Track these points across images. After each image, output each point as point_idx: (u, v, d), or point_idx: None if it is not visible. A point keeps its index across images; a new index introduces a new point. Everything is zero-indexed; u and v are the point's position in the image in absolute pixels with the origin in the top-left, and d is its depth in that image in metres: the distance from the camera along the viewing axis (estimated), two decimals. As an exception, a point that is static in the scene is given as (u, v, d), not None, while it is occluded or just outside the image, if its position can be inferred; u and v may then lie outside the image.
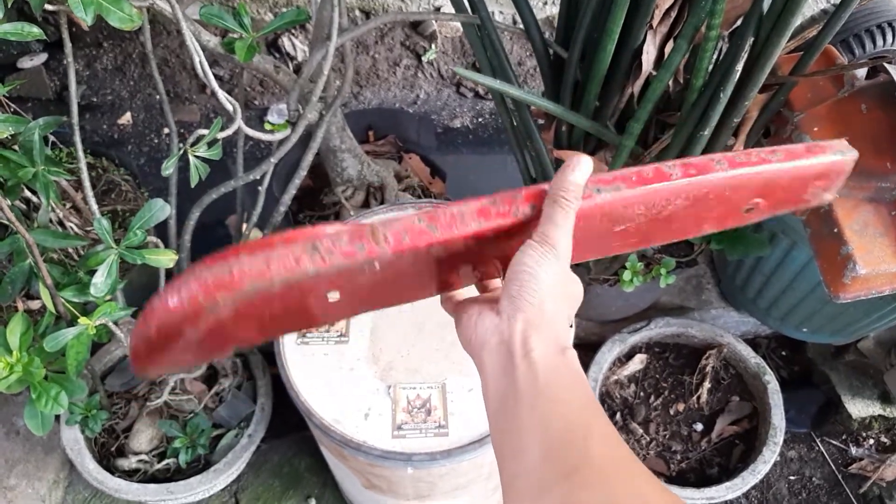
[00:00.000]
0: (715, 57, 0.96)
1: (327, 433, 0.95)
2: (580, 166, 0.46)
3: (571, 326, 1.02)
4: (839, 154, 0.52)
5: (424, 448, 0.94)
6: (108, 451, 1.29)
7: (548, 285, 0.46)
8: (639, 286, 1.21)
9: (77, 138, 1.02)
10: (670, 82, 1.02)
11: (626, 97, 1.04)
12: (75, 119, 1.02)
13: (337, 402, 0.98)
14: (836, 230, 1.01)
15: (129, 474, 1.26)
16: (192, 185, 0.95)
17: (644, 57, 0.99)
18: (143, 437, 1.27)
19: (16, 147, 1.00)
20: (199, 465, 1.29)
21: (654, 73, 1.00)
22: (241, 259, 0.41)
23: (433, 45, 1.99)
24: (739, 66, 0.95)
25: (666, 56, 0.99)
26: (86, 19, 0.80)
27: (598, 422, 0.42)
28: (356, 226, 0.45)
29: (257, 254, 0.41)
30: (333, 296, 0.45)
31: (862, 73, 1.11)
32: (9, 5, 0.81)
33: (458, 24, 1.91)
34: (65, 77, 1.89)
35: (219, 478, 1.25)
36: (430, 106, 1.97)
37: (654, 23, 0.98)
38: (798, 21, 0.92)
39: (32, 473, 1.34)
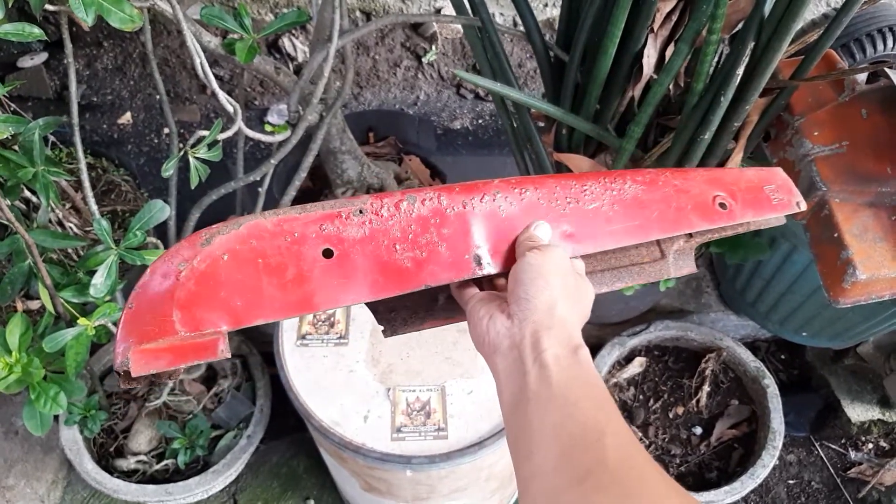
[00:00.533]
0: (715, 61, 0.96)
1: (327, 435, 0.95)
2: (541, 227, 0.51)
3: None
4: None
5: (424, 451, 0.94)
6: (107, 452, 1.28)
7: (557, 285, 0.47)
8: (638, 289, 1.21)
9: (77, 139, 1.02)
10: (671, 86, 1.02)
11: (626, 100, 1.04)
12: (75, 119, 1.02)
13: (336, 404, 0.98)
14: (835, 235, 1.01)
15: (127, 475, 1.26)
16: (193, 187, 0.95)
17: (645, 60, 0.99)
18: (142, 438, 1.27)
19: (16, 147, 1.00)
20: (198, 466, 1.29)
21: (655, 76, 1.00)
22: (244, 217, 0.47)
23: (433, 47, 1.99)
24: (740, 71, 0.95)
25: (667, 60, 0.99)
26: (86, 20, 0.80)
27: (612, 422, 0.42)
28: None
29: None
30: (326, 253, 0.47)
31: (862, 77, 1.11)
32: (9, 5, 0.81)
33: (459, 26, 1.91)
34: (65, 76, 1.89)
35: (217, 479, 1.25)
36: (430, 107, 1.97)
37: (656, 26, 0.98)
38: (799, 25, 0.92)
39: (31, 473, 1.33)
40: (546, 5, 2.04)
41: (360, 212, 0.48)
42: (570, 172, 0.56)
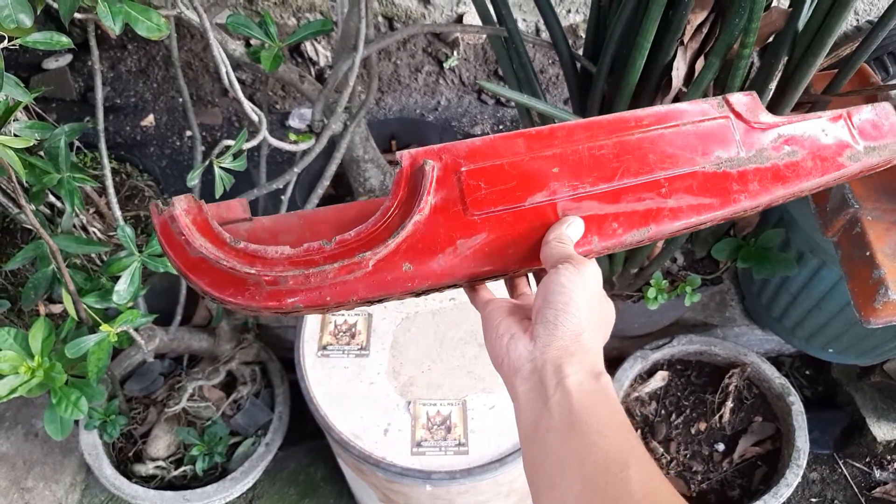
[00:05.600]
0: (746, 74, 0.94)
1: (346, 448, 0.95)
2: (574, 224, 0.49)
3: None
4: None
5: (444, 466, 0.93)
6: (126, 457, 1.29)
7: (585, 311, 0.45)
8: (663, 303, 1.19)
9: (102, 145, 1.02)
10: (701, 100, 1.00)
11: (655, 113, 1.03)
12: (101, 125, 1.02)
13: (356, 416, 0.97)
14: (868, 253, 0.99)
15: (145, 480, 1.26)
16: (217, 197, 0.95)
17: (674, 73, 0.97)
18: (161, 444, 1.27)
19: (41, 153, 1.00)
20: (216, 473, 1.28)
21: (685, 89, 0.98)
22: None
23: (455, 52, 1.98)
24: (773, 85, 0.93)
25: (696, 73, 0.97)
26: (114, 28, 0.80)
27: (636, 452, 0.41)
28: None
29: None
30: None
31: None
32: (37, 12, 0.81)
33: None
34: (89, 78, 1.90)
35: (235, 486, 1.24)
36: (451, 112, 1.96)
37: (686, 39, 0.97)
38: (834, 40, 0.90)
39: (50, 476, 1.34)
40: (569, 11, 2.02)
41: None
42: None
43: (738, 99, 0.54)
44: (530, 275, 0.55)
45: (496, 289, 0.54)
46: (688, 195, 0.51)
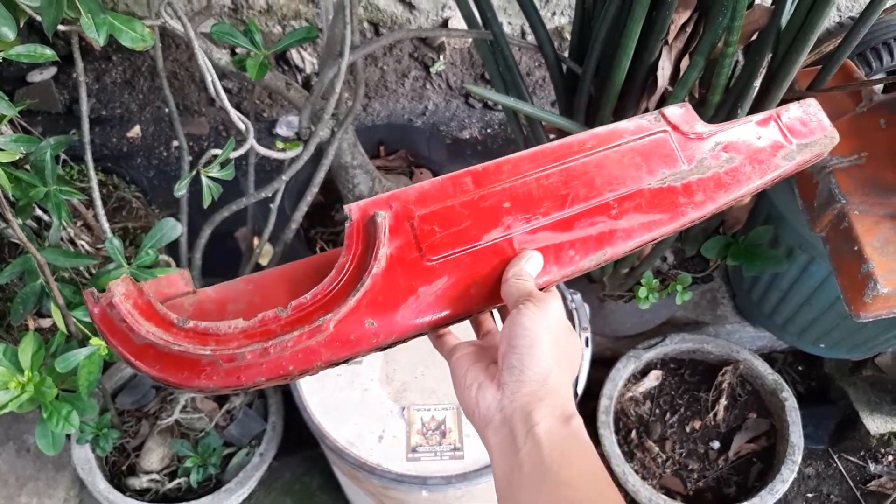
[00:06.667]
0: (730, 72, 0.94)
1: (342, 456, 0.94)
2: (532, 259, 0.49)
3: (588, 346, 0.99)
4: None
5: (440, 471, 0.93)
6: (119, 470, 1.28)
7: (550, 351, 0.44)
8: (654, 302, 1.20)
9: (88, 157, 1.01)
10: (686, 98, 1.01)
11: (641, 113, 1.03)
12: (87, 138, 1.01)
13: (351, 424, 0.97)
14: (856, 248, 1.00)
15: (140, 494, 1.25)
16: (206, 206, 0.94)
17: (659, 73, 0.98)
18: (154, 456, 1.26)
19: (27, 166, 0.99)
20: (211, 485, 1.27)
21: (671, 88, 0.99)
22: None
23: (441, 57, 1.99)
24: (757, 83, 0.94)
25: (682, 72, 0.98)
26: (98, 40, 0.80)
27: (604, 497, 0.41)
28: None
29: None
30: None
31: (880, 87, 1.10)
32: (20, 25, 0.80)
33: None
34: (74, 91, 1.89)
35: (230, 497, 1.24)
36: (439, 117, 1.97)
37: (670, 38, 0.97)
38: (817, 36, 0.91)
39: (43, 491, 1.33)
40: (554, 14, 2.03)
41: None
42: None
43: (674, 112, 0.55)
44: (495, 310, 0.54)
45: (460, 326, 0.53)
46: (637, 213, 0.51)
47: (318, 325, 0.44)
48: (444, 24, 1.95)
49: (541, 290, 0.48)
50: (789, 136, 0.56)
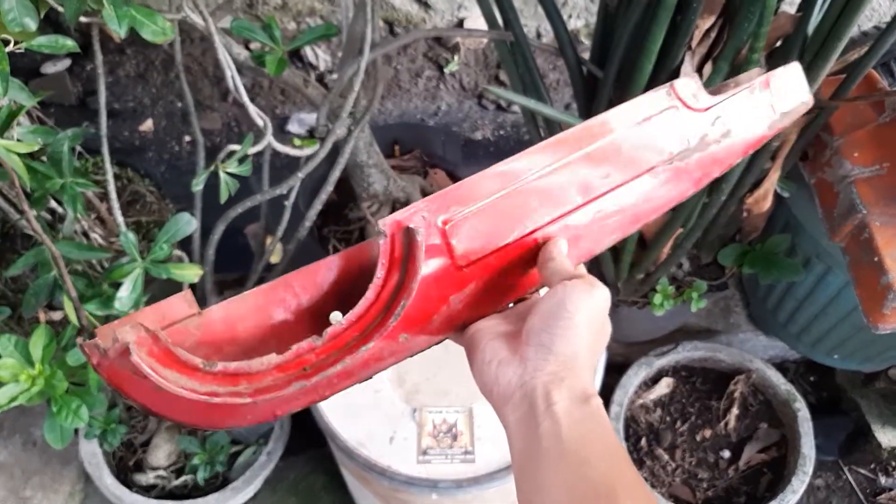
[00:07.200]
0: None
1: (352, 456, 0.93)
2: (561, 244, 0.48)
3: (603, 351, 0.98)
4: None
5: (450, 475, 0.92)
6: (126, 466, 1.27)
7: (585, 335, 0.43)
8: (669, 309, 1.19)
9: (105, 150, 1.01)
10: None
11: (662, 118, 1.02)
12: (104, 131, 1.01)
13: (361, 424, 0.96)
14: (876, 259, 0.99)
15: (146, 490, 1.25)
16: (222, 202, 0.94)
17: (682, 78, 0.97)
18: (162, 453, 1.26)
19: (43, 158, 0.99)
20: (217, 482, 1.27)
21: (693, 94, 0.98)
22: None
23: (456, 57, 1.98)
24: (782, 90, 0.92)
25: (705, 78, 0.97)
26: (119, 32, 0.79)
27: (625, 478, 0.40)
28: None
29: None
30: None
31: (903, 97, 1.09)
32: (41, 15, 0.80)
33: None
34: (88, 83, 1.89)
35: (236, 496, 1.23)
36: (452, 117, 1.96)
37: (693, 43, 0.96)
38: (844, 45, 0.90)
39: (48, 485, 1.32)
40: (570, 17, 2.02)
41: None
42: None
43: (683, 85, 0.53)
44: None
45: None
46: (650, 190, 0.51)
47: (362, 355, 0.43)
48: (460, 24, 1.95)
49: None
50: (776, 104, 0.55)
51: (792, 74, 0.56)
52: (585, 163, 0.49)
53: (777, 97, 0.55)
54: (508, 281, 0.48)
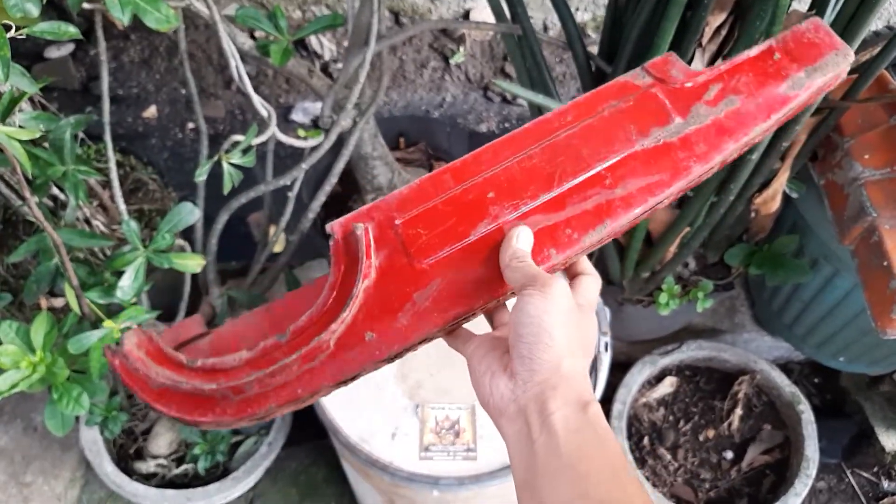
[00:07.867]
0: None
1: (353, 451, 0.93)
2: (521, 234, 0.47)
3: (607, 350, 0.97)
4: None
5: (452, 471, 0.92)
6: (127, 454, 1.27)
7: (559, 337, 0.42)
8: (674, 308, 1.18)
9: (108, 137, 1.00)
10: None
11: (672, 116, 1.01)
12: (107, 118, 1.00)
13: (364, 420, 0.96)
14: (885, 263, 0.98)
15: (146, 478, 1.24)
16: (226, 192, 0.93)
17: (693, 75, 0.96)
18: (163, 441, 1.25)
19: (45, 144, 0.98)
20: (218, 472, 1.27)
21: (703, 92, 0.97)
22: None
23: (461, 48, 1.96)
24: (794, 90, 0.91)
25: (716, 76, 0.95)
26: (122, 19, 0.78)
27: (625, 496, 0.39)
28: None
29: None
30: None
31: (916, 98, 1.07)
32: (44, 1, 0.79)
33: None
34: (91, 68, 1.88)
35: (237, 485, 1.23)
36: (457, 109, 1.95)
37: (704, 41, 0.95)
38: (857, 44, 0.89)
39: (49, 471, 1.32)
40: (577, 10, 2.00)
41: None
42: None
43: (658, 64, 0.52)
44: (508, 302, 0.52)
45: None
46: (634, 178, 0.49)
47: (317, 345, 0.45)
48: (466, 15, 1.93)
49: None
50: (795, 63, 0.53)
51: (813, 27, 0.55)
52: (548, 154, 0.49)
53: (796, 55, 0.53)
54: (482, 276, 0.47)
